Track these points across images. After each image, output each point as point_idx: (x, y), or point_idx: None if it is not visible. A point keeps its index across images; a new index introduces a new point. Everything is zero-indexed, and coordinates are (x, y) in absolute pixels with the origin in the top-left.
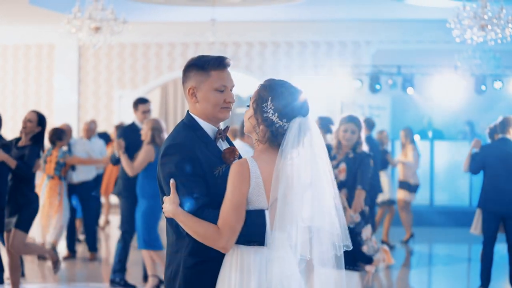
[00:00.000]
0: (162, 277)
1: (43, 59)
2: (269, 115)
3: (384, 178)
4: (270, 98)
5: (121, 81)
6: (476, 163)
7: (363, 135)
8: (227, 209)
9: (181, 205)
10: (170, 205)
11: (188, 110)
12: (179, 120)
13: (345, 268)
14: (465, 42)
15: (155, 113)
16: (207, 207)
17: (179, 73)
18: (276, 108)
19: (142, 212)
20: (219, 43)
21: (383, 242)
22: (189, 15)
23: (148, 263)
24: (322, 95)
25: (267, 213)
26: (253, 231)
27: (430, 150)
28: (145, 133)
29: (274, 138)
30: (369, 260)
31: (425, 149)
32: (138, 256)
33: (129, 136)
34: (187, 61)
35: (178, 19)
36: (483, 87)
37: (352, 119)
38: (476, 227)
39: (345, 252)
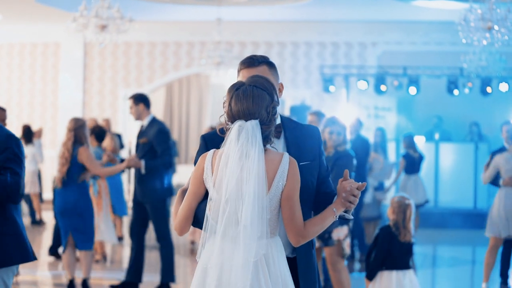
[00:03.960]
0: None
1: (49, 57)
2: (224, 115)
3: (410, 180)
4: (225, 99)
5: (126, 80)
6: None
7: (348, 135)
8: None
9: None
10: None
11: None
12: (184, 118)
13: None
14: (472, 44)
15: (160, 112)
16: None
17: (185, 72)
18: (226, 109)
19: None
20: (225, 42)
21: None
22: (195, 14)
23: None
24: (327, 96)
25: (209, 202)
26: (200, 218)
27: (435, 151)
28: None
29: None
30: None
31: (430, 151)
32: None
33: None
34: None
35: (184, 18)
36: (489, 89)
37: (337, 122)
38: None
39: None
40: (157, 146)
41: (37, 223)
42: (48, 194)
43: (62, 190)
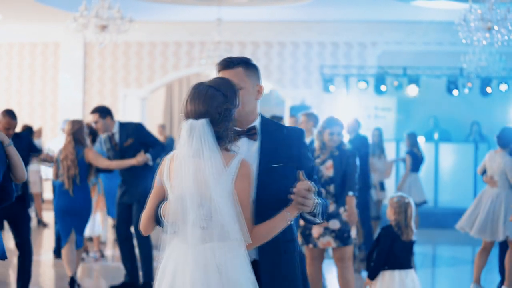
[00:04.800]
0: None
1: (49, 57)
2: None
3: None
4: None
5: (126, 80)
6: None
7: (346, 135)
8: None
9: None
10: None
11: None
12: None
13: None
14: (471, 44)
15: (160, 111)
16: None
17: (185, 72)
18: (183, 108)
19: None
20: (224, 42)
21: None
22: (195, 14)
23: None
24: (327, 96)
25: (164, 204)
26: (158, 218)
27: (434, 151)
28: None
29: None
30: None
31: (430, 151)
32: None
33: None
34: None
35: (184, 18)
36: (489, 89)
37: (336, 122)
38: None
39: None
40: (146, 139)
41: (41, 223)
42: (48, 194)
43: (67, 190)
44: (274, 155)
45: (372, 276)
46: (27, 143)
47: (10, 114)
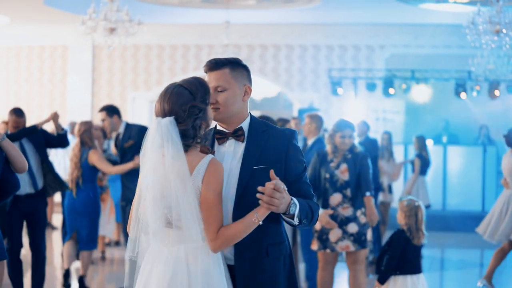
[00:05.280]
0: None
1: (57, 60)
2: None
3: (420, 182)
4: None
5: (134, 83)
6: None
7: (357, 138)
8: None
9: None
10: None
11: None
12: None
13: None
14: (480, 47)
15: None
16: None
17: (193, 75)
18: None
19: None
20: (233, 45)
21: None
22: (203, 17)
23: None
24: (335, 99)
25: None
26: None
27: (443, 154)
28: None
29: None
30: None
31: (438, 154)
32: None
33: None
34: None
35: (193, 21)
36: (497, 92)
37: (347, 125)
38: None
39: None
40: None
41: (50, 226)
42: (56, 197)
43: (72, 191)
44: (260, 156)
45: (383, 280)
46: (41, 134)
47: (16, 112)
